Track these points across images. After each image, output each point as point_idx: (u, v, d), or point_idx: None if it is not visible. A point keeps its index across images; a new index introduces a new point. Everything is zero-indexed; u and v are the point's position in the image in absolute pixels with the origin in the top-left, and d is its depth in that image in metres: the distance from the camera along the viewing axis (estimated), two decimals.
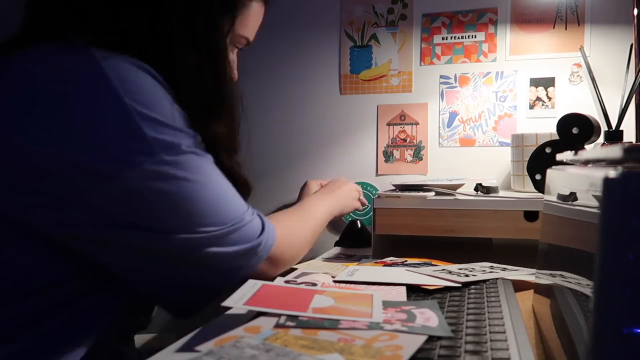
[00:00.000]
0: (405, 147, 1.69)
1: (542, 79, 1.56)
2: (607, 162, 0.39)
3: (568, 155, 0.56)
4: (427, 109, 1.66)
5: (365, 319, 0.56)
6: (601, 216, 0.32)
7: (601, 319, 0.31)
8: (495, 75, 1.60)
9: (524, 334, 0.52)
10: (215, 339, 0.52)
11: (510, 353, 0.47)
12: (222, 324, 0.60)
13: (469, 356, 0.47)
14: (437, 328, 0.52)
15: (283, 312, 0.58)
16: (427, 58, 1.66)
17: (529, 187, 1.23)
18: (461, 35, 1.62)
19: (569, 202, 0.46)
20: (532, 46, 1.56)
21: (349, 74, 1.74)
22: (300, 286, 0.69)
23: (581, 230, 0.39)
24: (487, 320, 0.57)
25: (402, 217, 1.10)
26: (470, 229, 1.06)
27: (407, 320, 0.56)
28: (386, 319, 0.56)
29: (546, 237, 0.62)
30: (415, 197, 1.11)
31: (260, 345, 0.48)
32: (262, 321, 0.57)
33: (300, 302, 0.61)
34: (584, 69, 1.49)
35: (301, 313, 0.58)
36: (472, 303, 0.65)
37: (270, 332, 0.53)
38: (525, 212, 1.03)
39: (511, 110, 1.58)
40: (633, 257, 0.30)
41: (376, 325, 0.54)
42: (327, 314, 0.58)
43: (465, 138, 1.62)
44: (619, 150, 0.34)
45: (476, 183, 1.21)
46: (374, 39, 1.71)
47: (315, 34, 1.77)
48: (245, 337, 0.51)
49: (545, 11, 1.55)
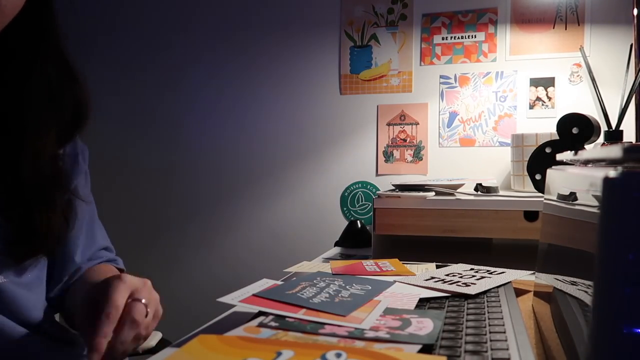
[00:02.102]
0: (405, 147, 1.69)
1: (542, 79, 1.55)
2: (607, 162, 0.39)
3: (568, 155, 0.56)
4: (427, 109, 1.66)
5: (352, 325, 0.55)
6: (601, 216, 0.32)
7: (601, 319, 0.31)
8: (495, 75, 1.60)
9: (524, 334, 0.52)
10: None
11: (510, 353, 0.47)
12: (220, 326, 0.60)
13: (469, 356, 0.47)
14: (423, 336, 0.51)
15: (274, 312, 0.58)
16: (427, 58, 1.66)
17: (529, 187, 1.23)
18: (461, 35, 1.62)
19: (569, 202, 0.46)
20: (532, 46, 1.56)
21: (349, 74, 1.74)
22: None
23: (581, 230, 0.39)
24: (487, 320, 0.57)
25: (402, 217, 1.10)
26: (470, 229, 1.06)
27: (398, 327, 0.54)
28: (374, 326, 0.54)
29: (546, 237, 0.62)
30: (415, 197, 1.11)
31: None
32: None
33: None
34: (584, 69, 1.48)
35: (290, 314, 0.58)
36: (472, 303, 0.65)
37: (271, 332, 0.53)
38: (525, 212, 1.03)
39: (511, 110, 1.58)
40: (633, 257, 0.30)
41: (359, 332, 0.53)
42: (319, 317, 0.57)
43: (465, 138, 1.62)
44: (619, 150, 0.34)
45: (476, 183, 1.21)
46: (374, 39, 1.71)
47: (315, 34, 1.77)
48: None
49: (545, 11, 1.55)
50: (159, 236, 1.94)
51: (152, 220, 1.94)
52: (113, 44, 1.98)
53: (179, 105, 1.92)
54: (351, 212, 1.73)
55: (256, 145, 1.84)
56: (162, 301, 0.63)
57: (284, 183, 1.81)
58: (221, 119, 1.88)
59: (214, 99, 1.88)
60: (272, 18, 1.81)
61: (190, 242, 1.91)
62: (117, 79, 1.98)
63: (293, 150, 1.80)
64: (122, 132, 1.97)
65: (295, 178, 1.80)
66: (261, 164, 1.83)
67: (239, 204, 1.85)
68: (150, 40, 1.94)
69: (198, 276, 1.89)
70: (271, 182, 1.82)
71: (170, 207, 1.93)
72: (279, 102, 1.81)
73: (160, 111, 1.94)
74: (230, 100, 1.86)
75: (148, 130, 1.95)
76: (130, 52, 1.96)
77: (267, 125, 1.83)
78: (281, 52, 1.80)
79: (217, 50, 1.86)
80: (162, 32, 1.93)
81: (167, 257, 1.93)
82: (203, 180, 1.90)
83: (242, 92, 1.85)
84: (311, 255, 1.25)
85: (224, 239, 1.87)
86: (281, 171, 1.81)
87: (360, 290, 0.70)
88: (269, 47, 1.81)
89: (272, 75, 1.81)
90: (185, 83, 1.91)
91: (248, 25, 1.83)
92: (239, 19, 1.84)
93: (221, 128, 1.88)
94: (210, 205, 1.89)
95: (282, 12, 1.80)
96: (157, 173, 1.95)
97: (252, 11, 1.82)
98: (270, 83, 1.82)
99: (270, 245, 1.82)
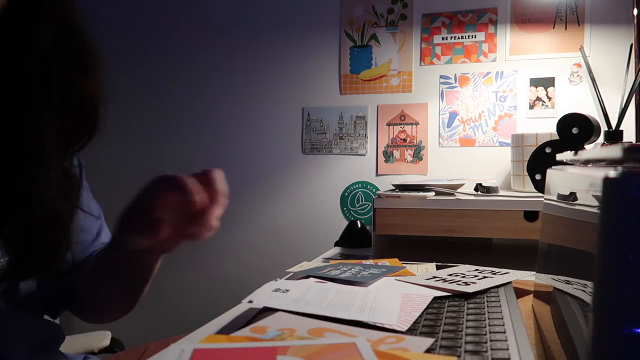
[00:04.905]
0: (405, 147, 1.69)
1: (542, 79, 1.55)
2: (607, 162, 0.39)
3: (568, 155, 0.56)
4: (427, 109, 1.66)
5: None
6: (601, 216, 0.32)
7: (601, 319, 0.31)
8: (495, 75, 1.60)
9: (524, 334, 0.52)
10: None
11: (510, 353, 0.47)
12: (226, 323, 0.60)
13: (469, 356, 0.47)
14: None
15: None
16: (427, 58, 1.66)
17: (529, 187, 1.23)
18: (461, 35, 1.62)
19: (569, 202, 0.46)
20: (532, 46, 1.56)
21: (349, 74, 1.74)
22: (263, 344, 0.50)
23: (581, 230, 0.39)
24: (487, 321, 0.57)
25: (402, 217, 1.10)
26: (470, 229, 1.06)
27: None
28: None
29: (546, 237, 0.62)
30: (415, 197, 1.11)
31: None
32: (269, 321, 0.56)
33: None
34: (584, 69, 1.48)
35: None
36: (472, 303, 0.65)
37: (276, 333, 0.53)
38: (525, 212, 1.03)
39: (511, 110, 1.58)
40: (633, 257, 0.30)
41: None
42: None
43: (465, 138, 1.62)
44: (619, 150, 0.34)
45: (476, 183, 1.21)
46: (374, 39, 1.71)
47: (315, 34, 1.77)
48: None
49: (545, 11, 1.55)
50: None
51: None
52: (113, 44, 1.98)
53: (180, 106, 1.92)
54: (351, 212, 1.73)
55: (256, 145, 1.84)
56: (162, 301, 0.62)
57: (285, 183, 1.81)
58: (221, 119, 1.88)
59: (213, 98, 1.88)
60: (272, 18, 1.81)
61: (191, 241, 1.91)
62: (120, 78, 1.98)
63: (293, 150, 1.80)
64: (124, 134, 1.97)
65: (296, 178, 1.80)
66: (261, 164, 1.83)
67: (240, 204, 1.85)
68: (151, 41, 1.95)
69: (198, 276, 1.89)
70: (271, 182, 1.82)
71: None
72: (279, 102, 1.81)
73: (161, 111, 1.94)
74: (230, 100, 1.86)
75: (149, 131, 1.95)
76: (131, 51, 1.97)
77: (267, 124, 1.83)
78: (281, 52, 1.80)
79: (215, 48, 1.86)
80: (164, 32, 1.93)
81: (168, 257, 1.92)
82: None
83: (241, 91, 1.85)
84: (311, 255, 1.25)
85: (224, 238, 1.87)
86: (281, 171, 1.81)
87: (377, 270, 0.82)
88: (269, 47, 1.80)
89: (272, 75, 1.81)
90: (184, 83, 1.91)
91: (248, 25, 1.83)
92: (239, 19, 1.84)
93: (221, 128, 1.88)
94: None
95: (282, 12, 1.80)
96: (158, 174, 1.94)
97: (253, 11, 1.82)
98: (271, 83, 1.82)
99: (270, 245, 1.82)
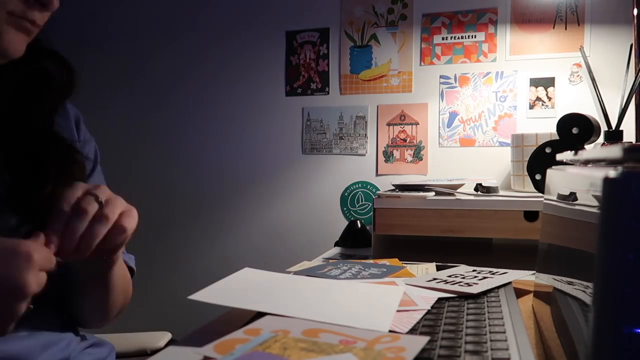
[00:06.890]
0: (405, 147, 1.69)
1: (542, 79, 1.55)
2: (607, 162, 0.39)
3: (568, 155, 0.56)
4: (427, 109, 1.66)
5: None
6: (601, 216, 0.32)
7: (601, 319, 0.31)
8: (495, 75, 1.60)
9: (524, 334, 0.52)
10: (215, 342, 0.51)
11: (510, 353, 0.47)
12: (221, 325, 0.59)
13: (469, 356, 0.47)
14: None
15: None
16: (427, 58, 1.66)
17: (529, 187, 1.23)
18: (461, 35, 1.62)
19: (569, 202, 0.46)
20: (532, 46, 1.56)
21: (349, 74, 1.74)
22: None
23: (581, 230, 0.39)
24: (487, 320, 0.57)
25: (402, 217, 1.10)
26: (470, 229, 1.06)
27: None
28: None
29: (546, 237, 0.62)
30: (415, 197, 1.11)
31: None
32: (262, 323, 0.56)
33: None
34: (584, 69, 1.48)
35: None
36: (472, 303, 0.65)
37: (270, 335, 0.52)
38: (525, 212, 1.03)
39: (511, 110, 1.58)
40: (633, 257, 0.30)
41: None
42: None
43: (465, 138, 1.62)
44: (619, 150, 0.34)
45: (476, 183, 1.21)
46: (374, 39, 1.71)
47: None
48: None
49: (545, 11, 1.55)
50: (162, 236, 1.94)
51: (155, 220, 1.94)
52: (113, 44, 1.98)
53: (182, 106, 1.92)
54: (351, 212, 1.73)
55: (256, 145, 1.84)
56: (165, 299, 0.62)
57: (285, 183, 1.81)
58: (222, 119, 1.88)
59: (215, 100, 1.88)
60: (272, 18, 1.81)
61: (193, 241, 1.91)
62: (125, 78, 1.98)
63: (293, 150, 1.80)
64: (127, 134, 1.97)
65: (296, 178, 1.80)
66: (262, 164, 1.83)
67: (240, 204, 1.85)
68: (153, 41, 1.95)
69: (199, 275, 1.89)
70: (272, 182, 1.82)
71: (173, 207, 1.93)
72: (279, 102, 1.81)
73: (164, 112, 1.94)
74: (231, 100, 1.86)
75: (152, 132, 1.96)
76: (135, 52, 1.97)
77: (267, 124, 1.83)
78: (281, 51, 1.80)
79: (219, 51, 1.86)
80: (162, 33, 1.93)
81: (169, 257, 1.93)
82: (205, 181, 1.90)
83: (242, 92, 1.85)
84: (311, 255, 1.25)
85: (225, 238, 1.87)
86: (282, 171, 1.81)
87: (377, 270, 0.81)
88: (269, 47, 1.81)
89: (272, 74, 1.81)
90: (188, 84, 1.91)
91: (248, 25, 1.83)
92: (239, 19, 1.84)
93: (223, 128, 1.88)
94: (212, 206, 1.89)
95: (283, 12, 1.80)
96: (161, 174, 1.95)
97: (253, 12, 1.82)
98: (271, 83, 1.82)
99: (270, 245, 1.82)
